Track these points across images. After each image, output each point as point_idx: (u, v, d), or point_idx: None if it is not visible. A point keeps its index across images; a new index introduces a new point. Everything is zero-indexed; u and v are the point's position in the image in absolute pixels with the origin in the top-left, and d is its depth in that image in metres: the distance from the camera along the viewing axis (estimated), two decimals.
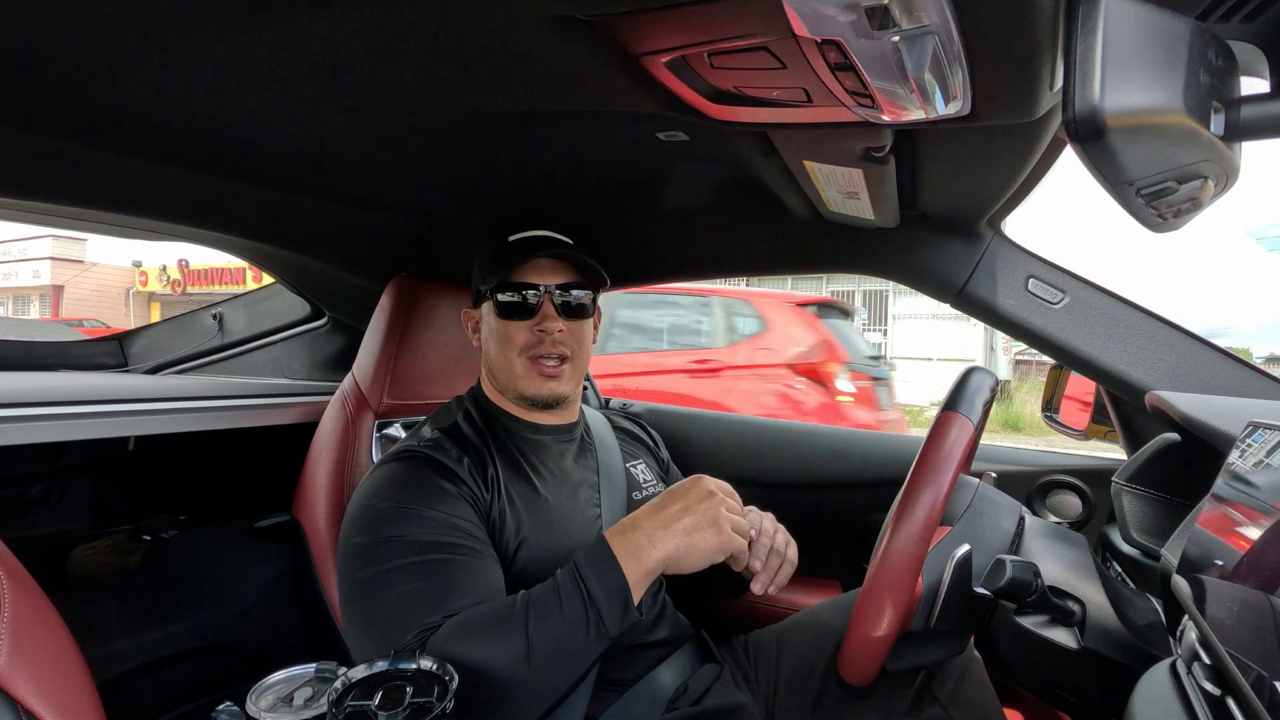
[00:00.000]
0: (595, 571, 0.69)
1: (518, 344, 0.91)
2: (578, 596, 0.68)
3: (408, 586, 0.73)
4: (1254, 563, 0.43)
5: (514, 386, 0.93)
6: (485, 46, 0.57)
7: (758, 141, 0.77)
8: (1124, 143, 0.38)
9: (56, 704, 0.52)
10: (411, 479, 0.82)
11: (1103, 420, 1.10)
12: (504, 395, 0.96)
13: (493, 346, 0.94)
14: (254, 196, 0.98)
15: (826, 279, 13.44)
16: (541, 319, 0.90)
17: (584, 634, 0.67)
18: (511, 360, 0.92)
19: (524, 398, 0.93)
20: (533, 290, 0.90)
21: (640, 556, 0.69)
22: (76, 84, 0.64)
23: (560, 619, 0.67)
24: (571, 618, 0.67)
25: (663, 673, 0.90)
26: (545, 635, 0.66)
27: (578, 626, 0.67)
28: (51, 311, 19.35)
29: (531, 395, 0.92)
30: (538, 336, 0.90)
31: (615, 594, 0.68)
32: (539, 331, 0.90)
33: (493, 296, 0.92)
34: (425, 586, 0.73)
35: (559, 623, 0.67)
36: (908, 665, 0.76)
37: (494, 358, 0.94)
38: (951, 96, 0.53)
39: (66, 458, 1.21)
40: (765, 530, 0.85)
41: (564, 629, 0.67)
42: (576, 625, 0.67)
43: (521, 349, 0.91)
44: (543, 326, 0.90)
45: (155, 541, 1.32)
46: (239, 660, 1.32)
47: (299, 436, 1.22)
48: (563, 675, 0.67)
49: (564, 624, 0.67)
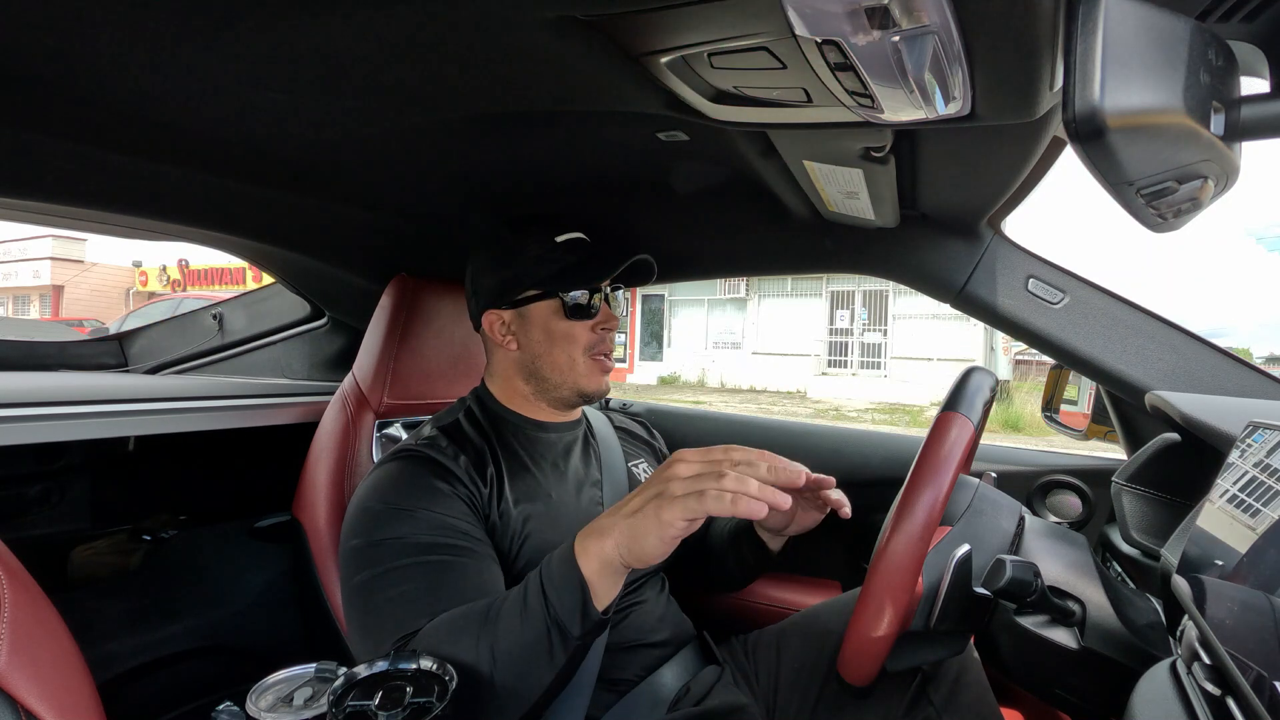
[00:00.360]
0: (557, 572, 0.66)
1: (582, 343, 0.93)
2: (539, 599, 0.66)
3: (403, 589, 0.73)
4: (1254, 563, 0.43)
5: (575, 385, 0.94)
6: (485, 47, 0.57)
7: (758, 141, 0.77)
8: (1124, 143, 0.38)
9: (56, 704, 0.52)
10: (407, 480, 0.81)
11: (1103, 420, 1.10)
12: (540, 396, 0.96)
13: (549, 347, 0.94)
14: (254, 196, 0.98)
15: (826, 279, 13.48)
16: (604, 318, 0.94)
17: (545, 637, 0.64)
18: (575, 359, 0.93)
19: (583, 394, 0.95)
20: (596, 292, 0.94)
21: (594, 551, 0.65)
22: (76, 84, 0.64)
23: (522, 621, 0.65)
24: (533, 621, 0.65)
25: (665, 674, 0.91)
26: (509, 638, 0.65)
27: (539, 630, 0.64)
28: (51, 311, 19.36)
29: (593, 391, 0.95)
30: (599, 335, 0.94)
31: (572, 594, 0.64)
32: (601, 330, 0.94)
33: (559, 297, 0.93)
34: (420, 589, 0.73)
35: (521, 625, 0.65)
36: (907, 665, 0.76)
37: (550, 357, 0.94)
38: (951, 96, 0.53)
39: (66, 458, 1.21)
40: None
41: (526, 632, 0.65)
42: (538, 629, 0.64)
43: (585, 348, 0.94)
44: (606, 325, 0.94)
45: (155, 541, 1.33)
46: (239, 660, 1.32)
47: (299, 436, 1.22)
48: (530, 679, 0.65)
49: (526, 627, 0.65)
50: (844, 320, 13.49)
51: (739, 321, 14.62)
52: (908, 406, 10.99)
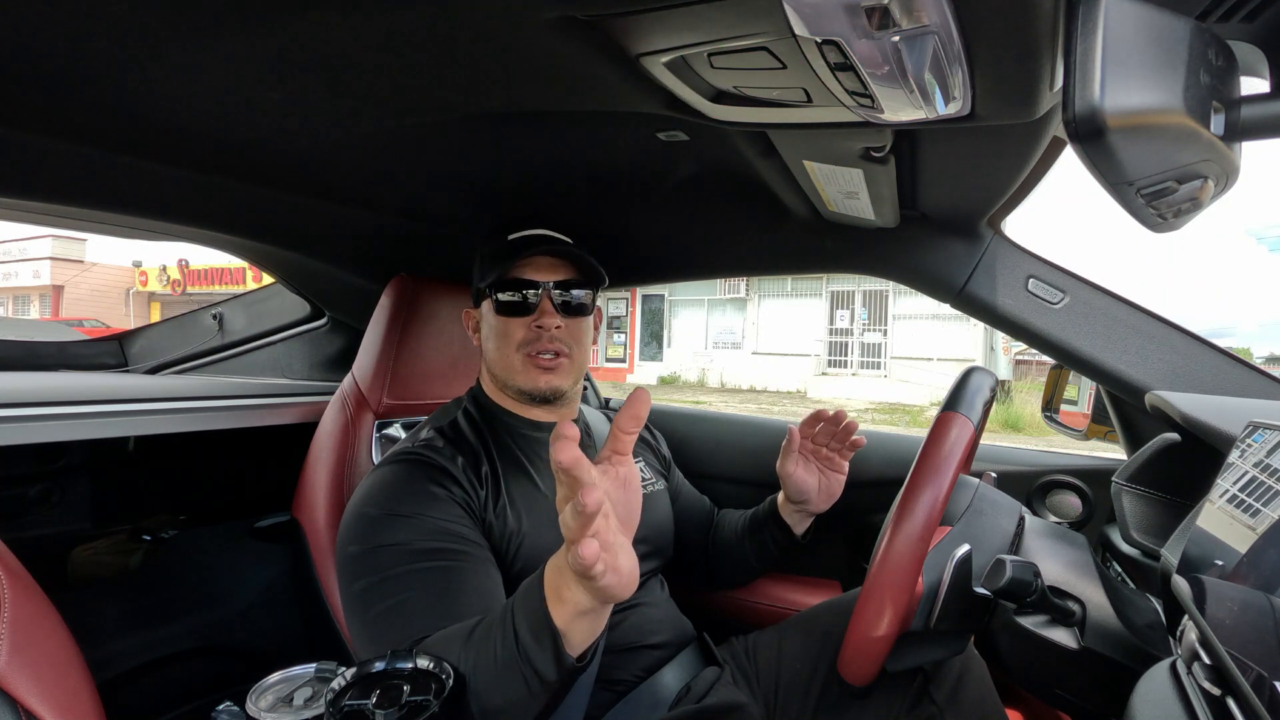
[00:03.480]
0: (528, 621, 0.58)
1: (515, 340, 0.92)
2: (512, 644, 0.59)
3: (401, 597, 0.72)
4: (1254, 563, 0.43)
5: (512, 382, 0.93)
6: (485, 47, 0.57)
7: (758, 141, 0.77)
8: (1124, 143, 0.38)
9: (56, 704, 0.52)
10: (403, 484, 0.81)
11: (1103, 420, 1.10)
12: (504, 392, 0.96)
13: (491, 343, 0.94)
14: (254, 196, 0.98)
15: (826, 279, 13.48)
16: (540, 315, 0.91)
17: (523, 683, 0.58)
18: (509, 356, 0.92)
19: (522, 392, 0.93)
20: (531, 288, 0.91)
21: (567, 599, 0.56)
22: (76, 84, 0.64)
23: (495, 657, 0.60)
24: (509, 665, 0.59)
25: (665, 675, 0.91)
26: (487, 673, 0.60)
27: (513, 672, 0.58)
28: (51, 311, 19.37)
29: (529, 389, 0.92)
30: (535, 333, 0.91)
31: (544, 644, 0.57)
32: (536, 328, 0.91)
33: (492, 294, 0.92)
34: (419, 596, 0.72)
35: (494, 662, 0.59)
36: (908, 665, 0.76)
37: (493, 354, 0.94)
38: (951, 96, 0.53)
39: (66, 458, 1.21)
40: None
41: (505, 674, 0.59)
42: (514, 674, 0.59)
43: (519, 345, 0.92)
44: (540, 323, 0.91)
45: (155, 541, 1.33)
46: (239, 660, 1.32)
47: (299, 436, 1.22)
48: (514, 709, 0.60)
49: (503, 671, 0.59)
50: (844, 320, 13.50)
51: (739, 321, 14.62)
52: (908, 406, 10.99)
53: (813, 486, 1.04)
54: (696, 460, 1.40)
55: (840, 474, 1.06)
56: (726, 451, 1.42)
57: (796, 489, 1.03)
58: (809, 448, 1.06)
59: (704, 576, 1.16)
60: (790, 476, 1.03)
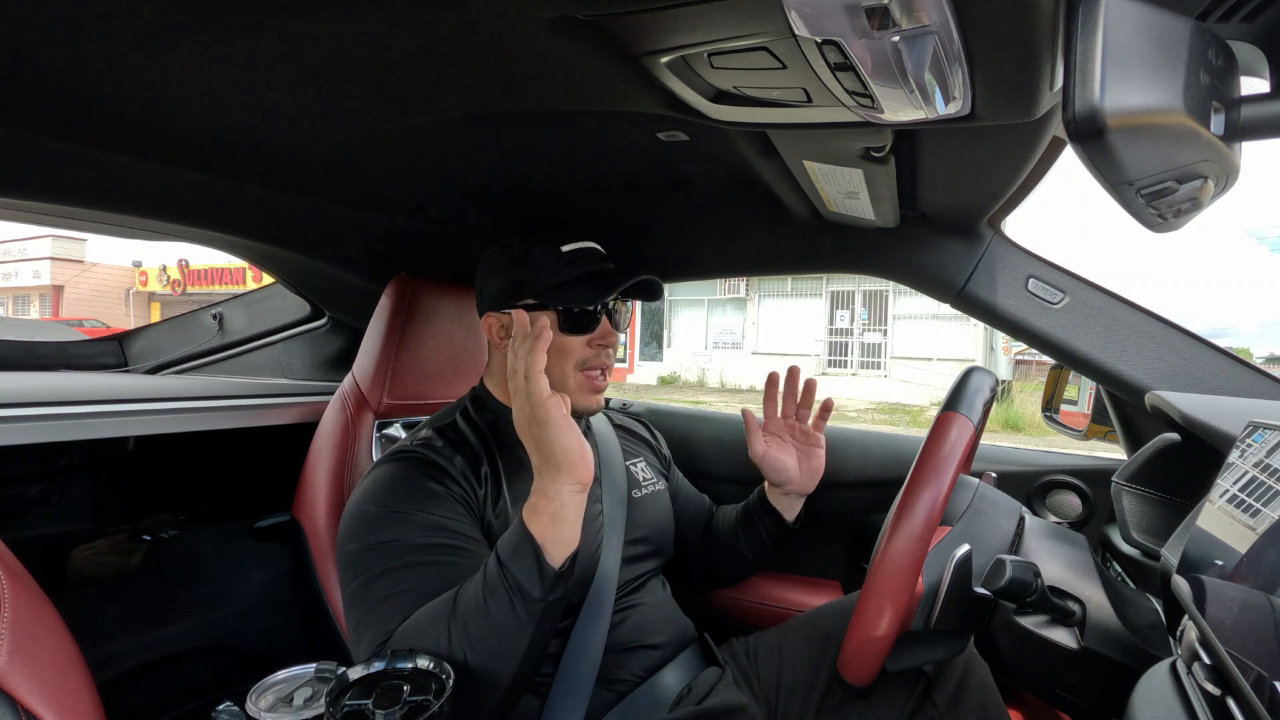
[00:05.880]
0: (510, 541, 0.69)
1: (574, 358, 0.90)
2: (497, 570, 0.68)
3: (398, 590, 0.73)
4: (1254, 563, 0.43)
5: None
6: (485, 47, 0.57)
7: (758, 141, 0.77)
8: (1124, 143, 0.38)
9: (56, 704, 0.52)
10: (401, 482, 0.81)
11: (1103, 420, 1.10)
12: None
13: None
14: (254, 196, 0.98)
15: (826, 279, 13.47)
16: (602, 334, 0.91)
17: (509, 607, 0.66)
18: (566, 373, 0.90)
19: (573, 411, 0.91)
20: (598, 307, 0.90)
21: (540, 508, 0.69)
22: (77, 84, 0.64)
23: (485, 597, 0.67)
24: (495, 594, 0.67)
25: (666, 675, 0.90)
26: (476, 618, 0.67)
27: (502, 601, 0.67)
28: (51, 311, 19.38)
29: (582, 409, 0.91)
30: (594, 350, 0.90)
31: (526, 556, 0.67)
32: (597, 345, 0.90)
33: (556, 308, 0.89)
34: (413, 590, 0.73)
35: (485, 602, 0.67)
36: (908, 665, 0.76)
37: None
38: (951, 96, 0.53)
39: (66, 458, 1.21)
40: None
41: (491, 606, 0.67)
42: (500, 600, 0.67)
43: (578, 363, 0.90)
44: (603, 341, 0.91)
45: (155, 541, 1.33)
46: (239, 660, 1.32)
47: (299, 436, 1.23)
48: (502, 653, 0.67)
49: (490, 601, 0.67)
50: (844, 320, 13.49)
51: (739, 321, 14.62)
52: (908, 406, 10.99)
53: (792, 465, 1.04)
54: (696, 460, 1.40)
55: (819, 447, 1.06)
56: (727, 451, 1.42)
57: (774, 470, 1.04)
58: (779, 425, 1.06)
59: (703, 575, 1.16)
60: (764, 458, 1.04)
